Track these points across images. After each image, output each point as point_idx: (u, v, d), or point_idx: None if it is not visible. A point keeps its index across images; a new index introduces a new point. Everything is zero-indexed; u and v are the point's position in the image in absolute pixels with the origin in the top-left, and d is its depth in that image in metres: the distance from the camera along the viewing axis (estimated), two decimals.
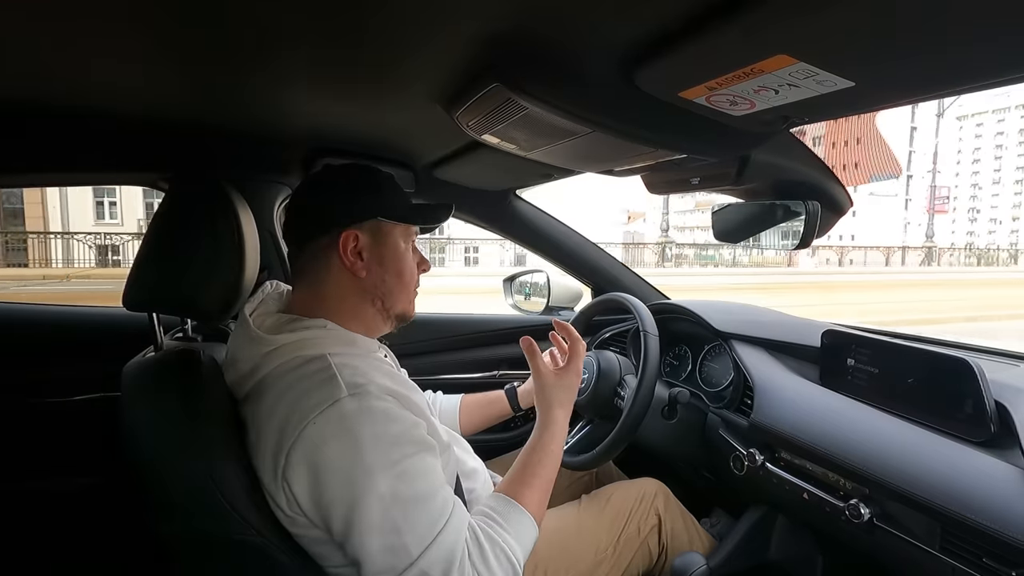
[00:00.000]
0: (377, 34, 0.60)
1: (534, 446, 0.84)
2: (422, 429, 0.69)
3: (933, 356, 0.87)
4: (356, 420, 0.63)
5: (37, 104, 0.87)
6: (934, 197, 26.05)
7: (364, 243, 0.77)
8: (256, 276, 0.85)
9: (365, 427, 0.63)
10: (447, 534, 0.65)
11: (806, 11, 0.44)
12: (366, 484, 0.62)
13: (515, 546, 0.71)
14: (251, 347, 0.72)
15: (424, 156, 1.23)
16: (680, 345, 1.40)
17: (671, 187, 1.04)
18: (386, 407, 0.66)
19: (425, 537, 0.63)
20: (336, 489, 0.62)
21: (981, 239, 75.58)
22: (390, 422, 0.65)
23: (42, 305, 1.34)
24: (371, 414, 0.65)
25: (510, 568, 0.69)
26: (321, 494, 0.63)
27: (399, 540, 0.62)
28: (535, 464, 0.82)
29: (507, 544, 0.70)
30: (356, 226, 0.76)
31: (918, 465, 0.78)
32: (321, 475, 0.62)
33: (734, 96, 0.60)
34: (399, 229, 0.80)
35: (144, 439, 0.71)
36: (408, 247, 0.83)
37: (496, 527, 0.72)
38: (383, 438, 0.64)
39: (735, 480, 1.07)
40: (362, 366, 0.70)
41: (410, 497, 0.64)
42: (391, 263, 0.79)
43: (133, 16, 0.57)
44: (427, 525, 0.64)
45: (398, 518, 0.62)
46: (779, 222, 0.98)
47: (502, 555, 0.69)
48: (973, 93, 0.57)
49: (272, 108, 0.92)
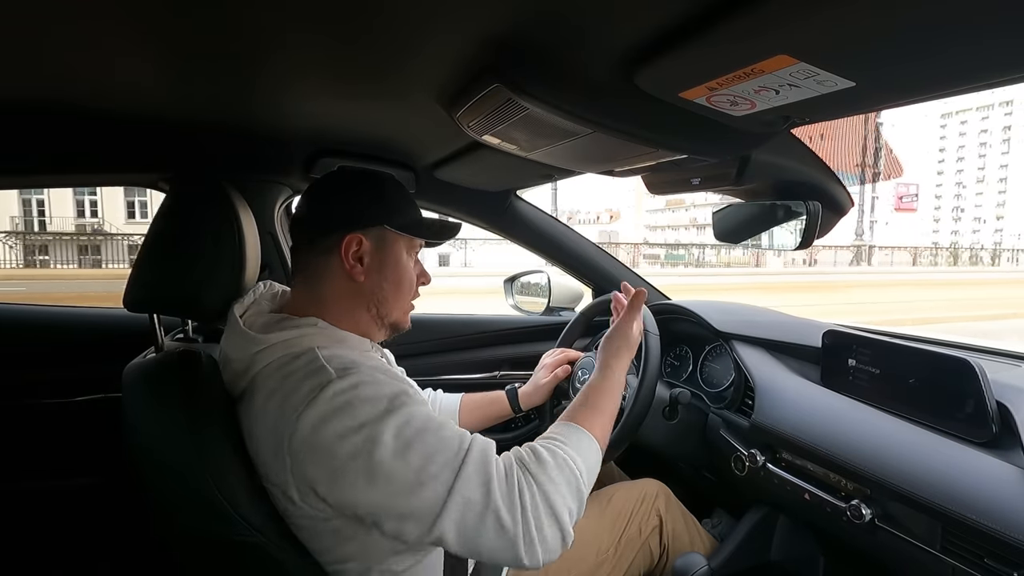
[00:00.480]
0: (378, 35, 0.60)
1: (594, 385, 0.85)
2: (412, 392, 0.68)
3: (934, 356, 0.87)
4: (349, 392, 0.64)
5: (36, 104, 0.87)
6: (898, 196, 26.28)
7: (367, 248, 0.77)
8: (256, 276, 0.85)
9: (357, 394, 0.64)
10: (474, 455, 0.64)
11: (807, 12, 0.44)
12: (372, 441, 0.61)
13: (578, 459, 0.69)
14: (242, 346, 0.72)
15: (425, 157, 1.23)
16: (681, 346, 1.39)
17: (671, 187, 1.04)
18: (377, 378, 0.66)
19: (450, 466, 0.62)
20: (346, 458, 0.61)
21: (965, 238, 74.89)
22: (381, 387, 0.65)
23: (43, 306, 1.34)
24: (363, 385, 0.65)
25: (572, 478, 0.67)
26: (335, 470, 0.62)
27: (425, 482, 0.61)
28: (594, 400, 0.82)
29: (569, 455, 0.69)
30: (361, 231, 0.76)
31: (919, 465, 0.77)
32: (329, 452, 0.62)
33: (735, 96, 0.60)
34: (403, 240, 0.80)
35: (145, 440, 0.71)
36: (411, 259, 0.83)
37: (558, 442, 0.71)
38: (376, 399, 0.64)
39: (736, 481, 1.07)
40: (351, 356, 0.70)
41: (420, 436, 0.63)
42: (390, 272, 0.79)
43: (133, 16, 0.57)
44: (449, 455, 0.63)
45: (415, 461, 0.61)
46: (780, 222, 0.98)
47: (564, 464, 0.67)
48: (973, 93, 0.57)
49: (273, 108, 0.92)
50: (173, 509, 0.71)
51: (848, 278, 16.29)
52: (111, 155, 1.08)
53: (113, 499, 1.14)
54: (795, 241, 0.95)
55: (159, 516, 0.74)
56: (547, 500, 0.64)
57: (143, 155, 1.09)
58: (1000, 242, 69.46)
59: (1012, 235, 73.59)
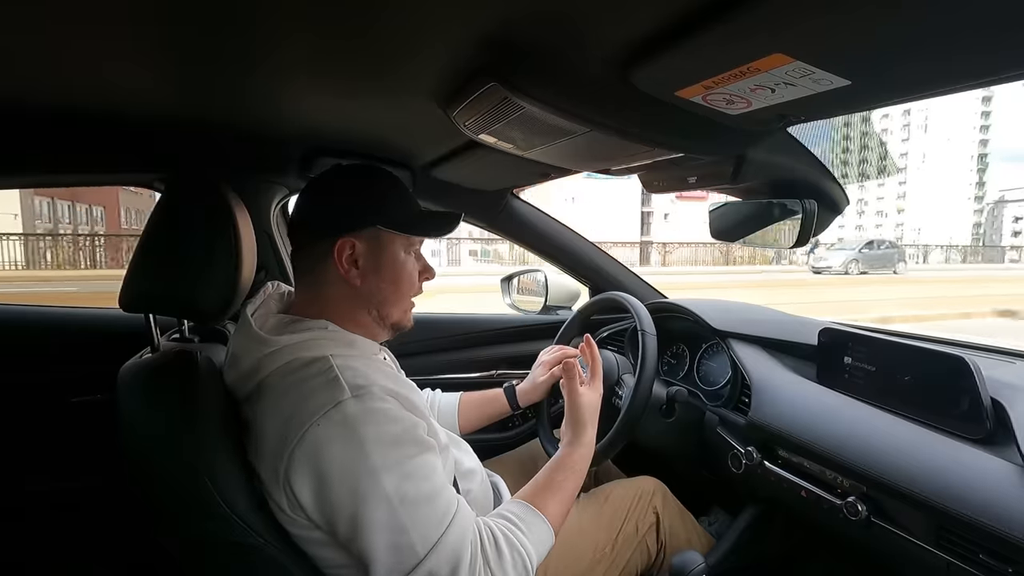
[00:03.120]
0: (375, 34, 0.60)
1: (562, 463, 0.85)
2: (422, 430, 0.69)
3: (930, 354, 0.88)
4: (359, 421, 0.63)
5: (31, 105, 0.86)
6: None
7: (361, 251, 0.76)
8: (253, 277, 0.85)
9: (368, 428, 0.64)
10: (453, 532, 0.65)
11: (802, 11, 0.44)
12: (371, 485, 0.62)
13: (532, 550, 0.71)
14: (252, 347, 0.71)
15: (422, 156, 1.23)
16: (678, 344, 1.40)
17: (668, 185, 1.04)
18: (388, 408, 0.66)
19: (431, 536, 0.64)
20: (341, 490, 0.62)
21: (869, 232, 70.19)
22: (392, 423, 0.66)
23: (38, 306, 1.33)
24: (374, 415, 0.65)
25: (524, 572, 0.70)
26: (326, 496, 0.63)
27: (405, 539, 0.63)
28: (561, 480, 0.82)
29: (524, 547, 0.71)
30: (354, 234, 0.75)
31: (915, 462, 0.78)
32: (325, 477, 0.62)
33: (731, 95, 0.60)
34: (400, 238, 0.79)
35: (141, 441, 0.71)
36: (409, 256, 0.81)
37: (515, 530, 0.72)
38: (386, 439, 0.64)
39: (733, 478, 1.08)
40: (363, 368, 0.70)
41: (415, 496, 0.64)
42: (387, 273, 0.78)
43: (129, 17, 0.57)
44: (433, 524, 0.64)
45: (404, 517, 0.63)
46: (776, 221, 0.98)
47: (518, 557, 0.69)
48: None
49: (269, 108, 0.92)
50: (172, 510, 0.70)
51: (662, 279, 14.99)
52: (106, 155, 1.07)
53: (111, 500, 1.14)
54: (791, 239, 0.95)
55: (158, 517, 0.73)
56: None
57: (139, 155, 1.09)
58: (901, 237, 66.48)
59: (912, 230, 69.72)
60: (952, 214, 68.39)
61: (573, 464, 0.85)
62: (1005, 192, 72.91)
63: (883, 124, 74.49)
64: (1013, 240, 65.45)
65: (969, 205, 69.19)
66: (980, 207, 69.34)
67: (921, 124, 68.93)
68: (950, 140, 67.97)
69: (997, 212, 71.48)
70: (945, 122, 68.69)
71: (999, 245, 45.06)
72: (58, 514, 1.17)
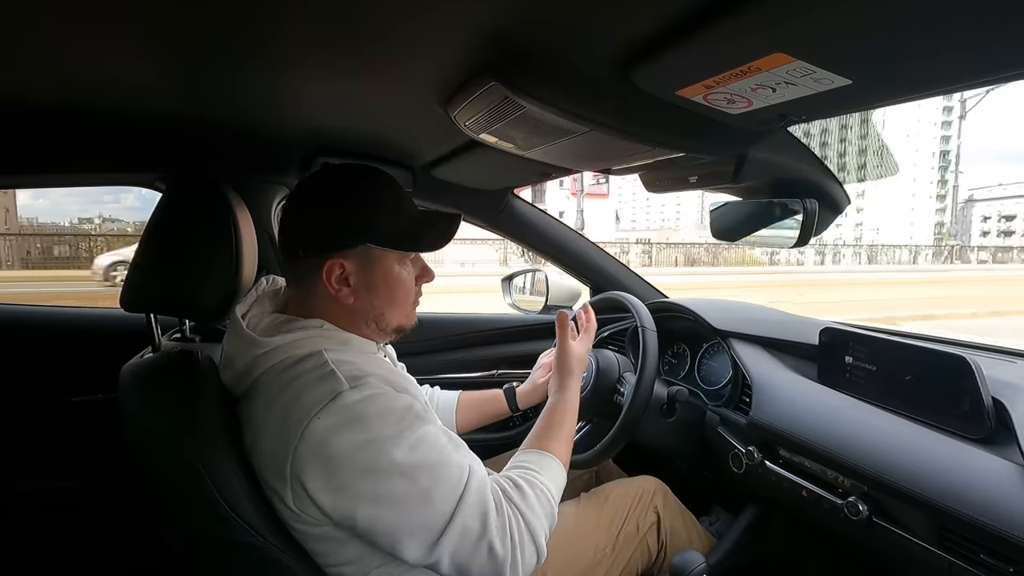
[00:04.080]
0: (376, 33, 0.60)
1: (555, 407, 0.91)
2: (419, 406, 0.69)
3: (931, 353, 0.87)
4: (359, 406, 0.64)
5: (31, 104, 0.86)
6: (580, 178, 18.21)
7: (351, 270, 0.73)
8: (254, 276, 0.85)
9: (370, 408, 0.64)
10: (473, 486, 0.66)
11: (803, 10, 0.44)
12: (383, 460, 0.62)
13: (551, 486, 0.76)
14: (244, 349, 0.71)
15: (422, 156, 1.23)
16: (678, 344, 1.40)
17: (669, 185, 1.04)
18: (386, 392, 0.67)
19: (453, 495, 0.65)
20: (354, 473, 0.62)
21: (829, 232, 69.85)
22: (392, 401, 0.66)
23: (40, 306, 1.33)
24: (373, 400, 0.65)
25: (548, 505, 0.74)
26: (340, 484, 0.62)
27: (429, 504, 0.63)
28: (558, 420, 0.88)
29: (544, 484, 0.75)
30: (342, 253, 0.72)
31: (916, 462, 0.78)
32: (336, 465, 0.62)
33: (732, 94, 0.60)
34: (393, 252, 0.76)
35: (142, 441, 0.71)
36: (405, 266, 0.78)
37: (532, 471, 0.77)
38: (388, 416, 0.64)
39: (734, 478, 1.08)
40: (359, 362, 0.70)
41: (427, 461, 0.64)
42: (381, 290, 0.76)
43: (129, 16, 0.57)
44: (452, 483, 0.65)
45: (423, 482, 0.63)
46: (777, 220, 0.98)
47: (541, 494, 0.74)
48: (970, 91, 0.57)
49: (269, 107, 0.91)
50: (172, 510, 0.70)
51: None
52: (106, 155, 1.08)
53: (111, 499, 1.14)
54: (792, 239, 0.95)
55: (158, 516, 0.73)
56: (529, 528, 0.70)
57: (139, 154, 1.09)
58: (860, 237, 64.88)
59: (872, 229, 68.88)
60: (913, 214, 67.31)
61: (566, 408, 0.91)
62: (974, 191, 71.92)
63: (842, 119, 73.17)
64: (982, 240, 64.46)
65: (931, 204, 67.89)
66: (942, 206, 67.30)
67: (879, 119, 66.00)
68: (909, 136, 66.35)
69: (966, 212, 70.41)
70: (903, 118, 66.56)
71: (969, 245, 44.22)
72: (58, 514, 1.17)
